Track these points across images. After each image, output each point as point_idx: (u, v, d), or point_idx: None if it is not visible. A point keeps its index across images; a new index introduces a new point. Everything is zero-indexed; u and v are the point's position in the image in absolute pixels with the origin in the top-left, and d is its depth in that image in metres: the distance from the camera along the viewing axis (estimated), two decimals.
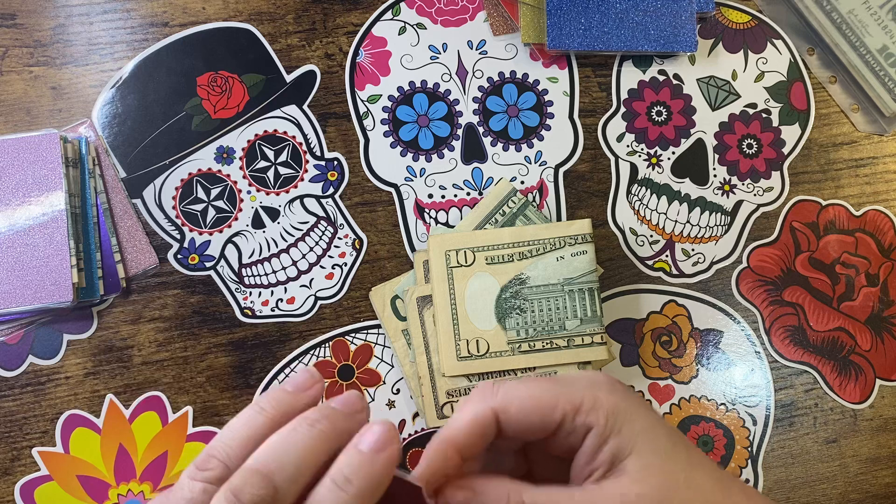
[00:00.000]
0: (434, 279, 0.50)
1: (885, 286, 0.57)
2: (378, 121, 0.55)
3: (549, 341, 0.49)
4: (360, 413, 0.30)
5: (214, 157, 0.54)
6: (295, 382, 0.31)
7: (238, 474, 0.26)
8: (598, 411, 0.31)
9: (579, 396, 0.32)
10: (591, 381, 0.33)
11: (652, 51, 0.56)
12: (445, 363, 0.49)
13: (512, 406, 0.32)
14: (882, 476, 0.55)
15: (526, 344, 0.49)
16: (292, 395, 0.30)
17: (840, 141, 0.58)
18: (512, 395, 0.32)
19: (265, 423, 0.29)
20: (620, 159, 0.57)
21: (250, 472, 0.26)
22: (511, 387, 0.32)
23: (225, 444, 0.28)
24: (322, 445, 0.27)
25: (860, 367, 0.56)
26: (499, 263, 0.50)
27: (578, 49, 0.55)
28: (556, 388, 0.32)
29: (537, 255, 0.50)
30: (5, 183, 0.50)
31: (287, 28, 0.56)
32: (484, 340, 0.49)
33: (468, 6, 0.57)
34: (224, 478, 0.27)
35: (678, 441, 0.32)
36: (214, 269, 0.53)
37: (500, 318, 0.50)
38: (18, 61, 0.54)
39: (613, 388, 0.33)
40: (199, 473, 0.27)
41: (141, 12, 0.55)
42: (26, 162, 0.50)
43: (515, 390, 0.32)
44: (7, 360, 0.51)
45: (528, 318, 0.50)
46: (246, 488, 0.25)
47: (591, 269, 0.50)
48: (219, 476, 0.27)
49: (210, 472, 0.27)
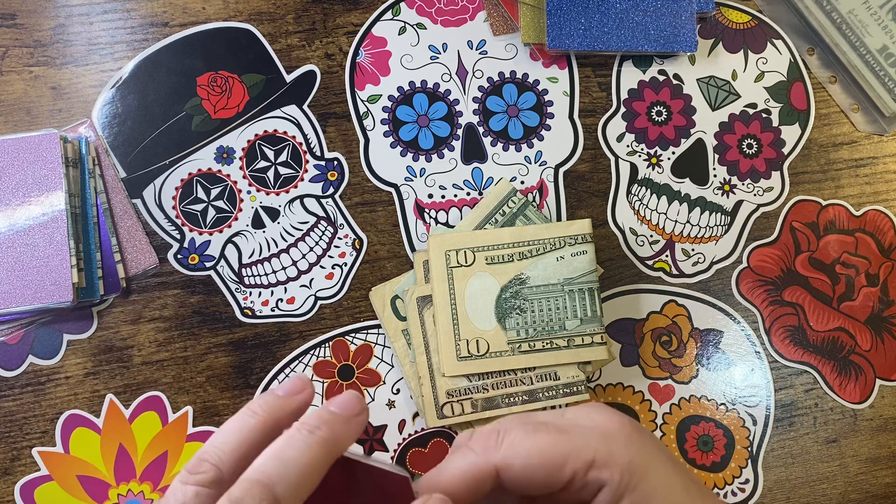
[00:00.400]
0: (434, 279, 0.50)
1: (885, 286, 0.57)
2: (378, 121, 0.55)
3: (549, 341, 0.49)
4: (359, 416, 0.30)
5: (214, 157, 0.54)
6: (285, 387, 0.31)
7: (238, 485, 0.26)
8: (613, 468, 0.30)
9: (591, 452, 0.30)
10: (605, 432, 0.31)
11: (652, 51, 0.56)
12: (445, 363, 0.49)
13: (516, 463, 0.30)
14: (882, 476, 0.55)
15: (526, 344, 0.49)
16: (283, 399, 0.30)
17: (840, 141, 0.58)
18: (517, 450, 0.30)
19: (256, 427, 0.28)
20: (620, 159, 0.57)
21: (251, 482, 0.26)
22: (516, 440, 0.30)
23: (216, 447, 0.28)
24: (322, 452, 0.27)
25: (860, 367, 0.56)
26: (499, 263, 0.50)
27: (578, 49, 0.55)
28: (566, 444, 0.30)
29: (537, 255, 0.50)
30: (5, 183, 0.50)
31: (287, 28, 0.56)
32: (484, 340, 0.49)
33: (468, 6, 0.57)
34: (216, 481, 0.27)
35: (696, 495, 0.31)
36: (214, 269, 0.53)
37: (500, 318, 0.50)
38: (18, 61, 0.54)
39: (629, 440, 0.31)
40: (190, 477, 0.27)
41: (141, 12, 0.55)
42: (26, 162, 0.50)
43: (521, 445, 0.30)
44: (7, 360, 0.51)
45: (528, 318, 0.50)
46: (246, 499, 0.25)
47: (592, 268, 0.50)
48: (210, 479, 0.27)
49: (202, 476, 0.27)
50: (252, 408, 0.29)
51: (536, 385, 0.50)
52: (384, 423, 0.52)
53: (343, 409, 0.29)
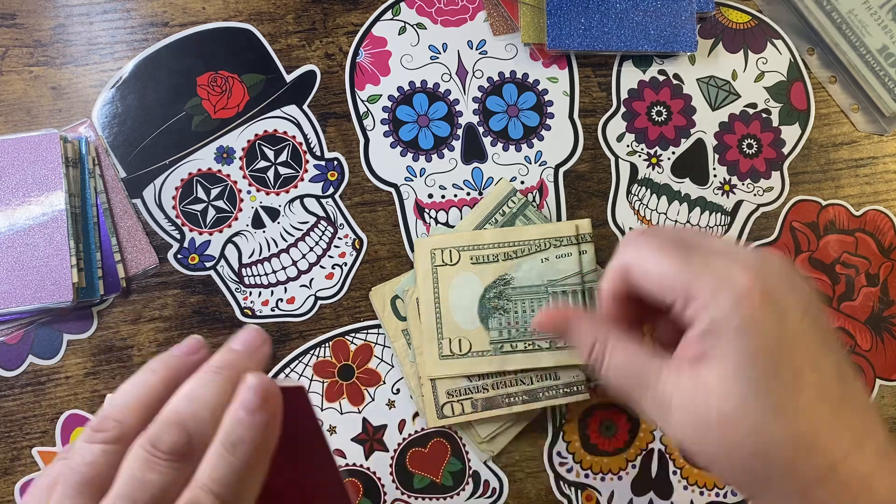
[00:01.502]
0: (419, 277, 0.50)
1: (885, 286, 0.57)
2: (378, 121, 0.55)
3: (531, 342, 0.49)
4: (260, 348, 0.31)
5: (214, 157, 0.54)
6: (181, 348, 0.31)
7: (153, 425, 0.27)
8: (707, 310, 0.31)
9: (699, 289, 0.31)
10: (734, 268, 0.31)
11: (652, 51, 0.56)
12: (428, 362, 0.49)
13: (635, 270, 0.34)
14: None
15: (508, 345, 0.49)
16: (180, 359, 0.31)
17: (840, 141, 0.58)
18: (641, 258, 0.33)
19: (157, 383, 0.29)
20: (620, 159, 0.57)
21: (165, 422, 0.27)
22: (645, 250, 0.33)
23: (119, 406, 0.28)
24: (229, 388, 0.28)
25: (860, 368, 0.56)
26: (484, 263, 0.50)
27: (578, 49, 0.55)
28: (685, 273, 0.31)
29: (522, 256, 0.50)
30: (5, 183, 0.50)
31: (287, 28, 0.56)
32: (467, 340, 0.49)
33: (468, 6, 0.57)
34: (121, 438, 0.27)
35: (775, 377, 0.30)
36: (214, 269, 0.53)
37: (483, 317, 0.50)
38: (18, 61, 0.54)
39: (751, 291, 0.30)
40: (96, 435, 0.27)
41: (141, 12, 0.55)
42: (26, 162, 0.50)
43: (646, 258, 0.33)
44: (7, 360, 0.51)
45: (511, 318, 0.50)
46: (163, 436, 0.26)
47: (576, 271, 0.50)
48: (116, 436, 0.27)
49: (108, 433, 0.27)
50: (151, 366, 0.30)
51: (536, 385, 0.50)
52: (384, 423, 0.52)
53: (245, 345, 0.30)
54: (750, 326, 0.30)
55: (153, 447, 0.26)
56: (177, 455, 0.26)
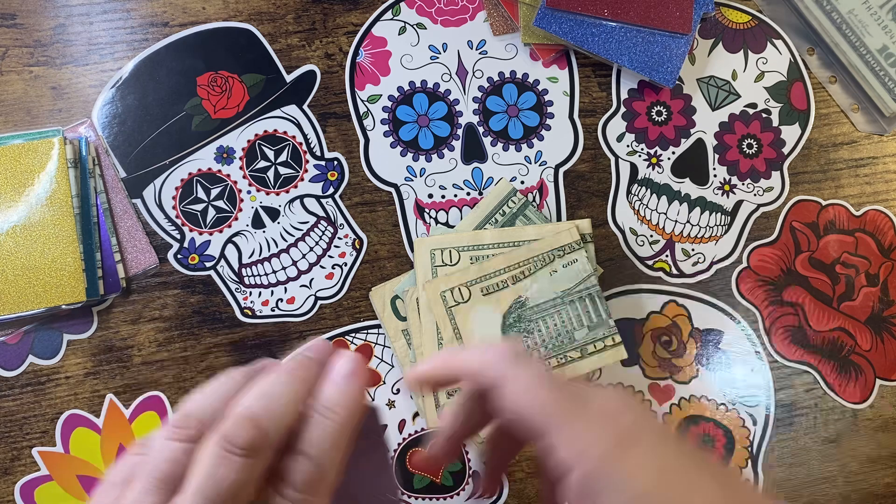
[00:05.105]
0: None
1: (885, 286, 0.57)
2: (378, 121, 0.55)
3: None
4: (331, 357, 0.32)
5: (214, 157, 0.54)
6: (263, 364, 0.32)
7: (228, 421, 0.27)
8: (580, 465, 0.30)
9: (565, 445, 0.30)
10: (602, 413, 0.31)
11: (630, 69, 0.55)
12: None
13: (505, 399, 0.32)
14: (882, 476, 0.55)
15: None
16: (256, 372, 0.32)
17: (840, 141, 0.58)
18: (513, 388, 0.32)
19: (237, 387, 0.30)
20: (620, 159, 0.57)
21: (240, 417, 0.27)
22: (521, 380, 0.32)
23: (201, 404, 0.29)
24: (302, 388, 0.29)
25: (860, 367, 0.56)
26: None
27: (562, 38, 0.55)
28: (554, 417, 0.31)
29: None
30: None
31: (287, 28, 0.56)
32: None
33: (468, 6, 0.57)
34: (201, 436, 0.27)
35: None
36: (214, 269, 0.53)
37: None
38: (18, 61, 0.54)
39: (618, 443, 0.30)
40: (177, 432, 0.27)
41: (141, 12, 0.55)
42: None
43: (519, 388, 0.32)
44: (7, 360, 0.51)
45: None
46: (239, 432, 0.26)
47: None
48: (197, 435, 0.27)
49: (189, 431, 0.27)
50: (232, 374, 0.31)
51: None
52: (384, 423, 0.52)
53: (316, 353, 0.32)
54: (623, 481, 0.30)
55: (229, 442, 0.26)
56: (251, 451, 0.27)
